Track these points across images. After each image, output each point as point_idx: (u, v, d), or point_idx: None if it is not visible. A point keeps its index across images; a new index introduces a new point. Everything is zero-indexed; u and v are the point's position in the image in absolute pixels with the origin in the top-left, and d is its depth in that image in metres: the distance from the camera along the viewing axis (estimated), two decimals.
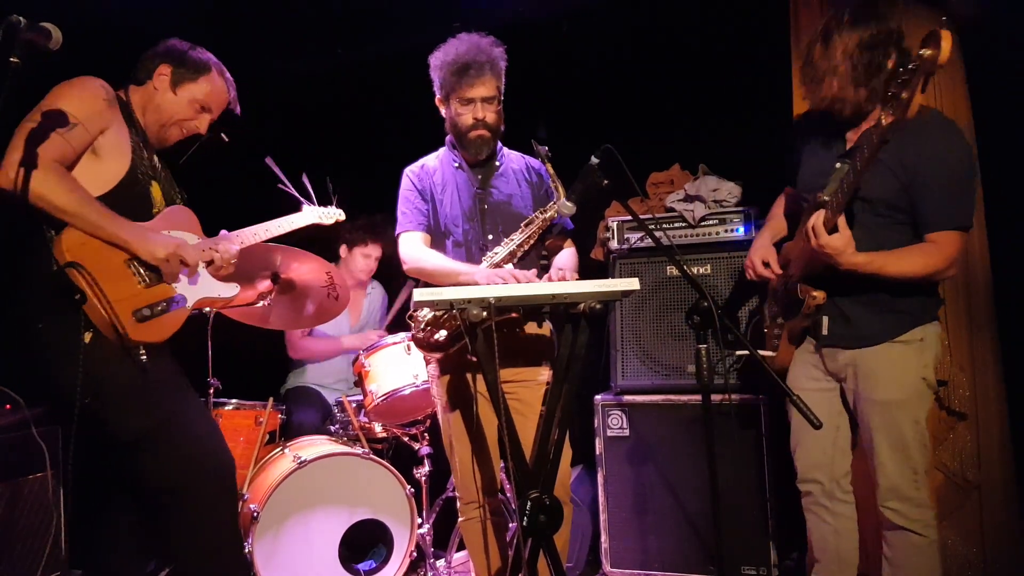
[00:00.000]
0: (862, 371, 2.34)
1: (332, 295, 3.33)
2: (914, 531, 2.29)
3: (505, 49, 2.64)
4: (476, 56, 2.56)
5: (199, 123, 2.45)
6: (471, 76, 2.55)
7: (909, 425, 2.29)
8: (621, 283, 2.21)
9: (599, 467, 3.39)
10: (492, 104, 2.62)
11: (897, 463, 2.29)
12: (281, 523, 2.98)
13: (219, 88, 2.48)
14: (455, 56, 2.57)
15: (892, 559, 2.36)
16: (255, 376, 3.88)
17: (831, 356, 2.41)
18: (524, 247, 2.57)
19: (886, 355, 2.30)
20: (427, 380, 3.10)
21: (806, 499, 2.53)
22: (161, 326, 2.17)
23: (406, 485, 3.21)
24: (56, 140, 2.05)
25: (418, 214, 2.69)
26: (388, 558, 3.16)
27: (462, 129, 2.63)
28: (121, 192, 2.19)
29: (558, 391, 2.27)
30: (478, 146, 2.65)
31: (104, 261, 2.09)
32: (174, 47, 2.42)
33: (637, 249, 3.48)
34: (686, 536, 3.22)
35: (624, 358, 3.46)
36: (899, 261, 2.22)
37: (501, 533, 2.67)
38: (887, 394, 2.29)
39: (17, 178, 1.97)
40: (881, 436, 2.30)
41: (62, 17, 1.92)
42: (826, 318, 2.37)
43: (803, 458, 2.50)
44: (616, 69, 4.06)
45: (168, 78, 2.39)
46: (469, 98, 2.59)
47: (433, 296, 2.12)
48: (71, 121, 2.08)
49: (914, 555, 2.30)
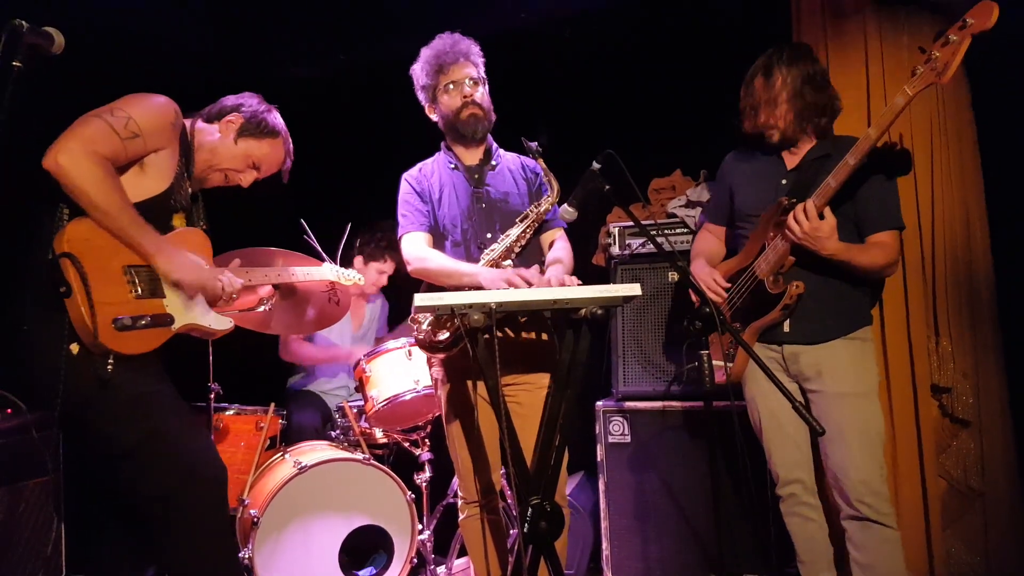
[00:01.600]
0: (828, 366, 2.45)
1: (333, 300, 3.32)
2: (886, 524, 2.36)
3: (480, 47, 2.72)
4: (451, 47, 2.67)
5: (244, 177, 2.49)
6: (448, 63, 2.65)
7: (875, 418, 2.43)
8: (623, 289, 2.21)
9: (600, 473, 3.38)
10: (478, 84, 2.68)
11: (867, 456, 2.38)
12: (281, 529, 2.97)
13: (278, 155, 2.53)
14: (429, 55, 2.69)
15: (863, 560, 2.41)
16: (256, 381, 3.87)
17: (793, 358, 2.51)
18: (520, 242, 2.59)
19: (847, 349, 2.45)
20: (428, 386, 3.10)
21: (787, 502, 2.58)
22: (139, 339, 2.11)
23: (407, 491, 3.21)
24: (114, 141, 2.06)
25: (419, 215, 2.70)
26: (388, 564, 3.15)
27: (453, 112, 2.66)
28: (145, 207, 2.18)
29: (559, 397, 2.27)
30: (473, 125, 2.67)
31: (102, 261, 2.05)
32: (254, 106, 2.46)
33: (638, 255, 3.47)
34: (687, 543, 3.21)
35: (625, 364, 3.45)
36: (864, 254, 2.42)
37: (500, 535, 2.68)
38: (856, 386, 2.43)
39: (64, 163, 1.96)
40: (852, 429, 2.39)
41: (65, 21, 1.92)
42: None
43: (781, 461, 2.56)
44: (618, 74, 4.06)
45: (236, 128, 2.42)
46: (453, 81, 2.65)
47: (434, 301, 2.12)
48: (134, 130, 2.10)
49: (887, 550, 2.38)
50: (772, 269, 2.48)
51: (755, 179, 2.65)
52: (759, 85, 2.54)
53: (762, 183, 2.62)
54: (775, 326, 2.51)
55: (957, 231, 2.92)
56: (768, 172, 2.62)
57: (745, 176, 2.70)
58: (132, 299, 2.11)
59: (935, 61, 2.15)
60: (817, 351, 2.46)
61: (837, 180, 2.30)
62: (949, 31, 2.14)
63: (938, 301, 2.92)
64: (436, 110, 2.73)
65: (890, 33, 3.00)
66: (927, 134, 2.94)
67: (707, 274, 2.68)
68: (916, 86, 2.19)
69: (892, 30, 3.00)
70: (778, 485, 2.59)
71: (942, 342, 2.91)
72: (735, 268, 2.65)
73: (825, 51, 3.10)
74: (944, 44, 2.15)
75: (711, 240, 2.88)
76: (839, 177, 2.29)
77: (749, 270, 2.57)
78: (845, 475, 2.39)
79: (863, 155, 2.27)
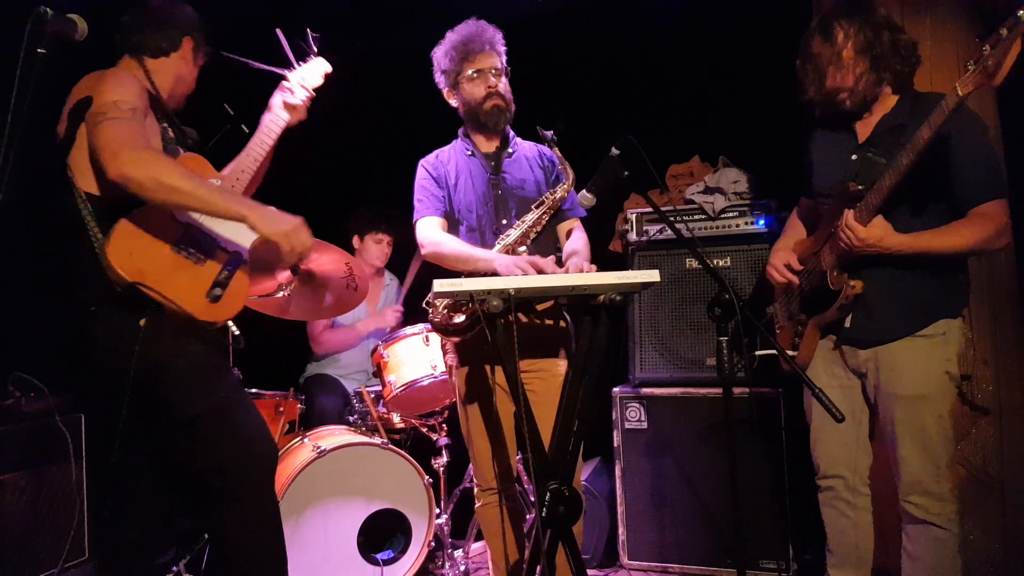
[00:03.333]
0: (884, 365, 2.32)
1: (351, 286, 3.34)
2: (936, 524, 2.27)
3: (503, 35, 2.71)
4: (476, 34, 2.66)
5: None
6: (475, 51, 2.64)
7: (932, 419, 2.27)
8: (641, 275, 2.21)
9: (617, 459, 3.39)
10: (500, 75, 2.67)
11: (920, 457, 2.27)
12: (301, 512, 3.00)
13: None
14: (456, 39, 2.67)
15: (912, 553, 2.34)
16: (275, 366, 3.91)
17: (851, 353, 2.39)
18: (536, 228, 2.59)
19: (909, 349, 2.28)
20: (445, 372, 3.11)
21: (826, 494, 2.51)
22: (233, 298, 2.18)
23: (424, 475, 3.23)
24: (135, 127, 2.05)
25: (435, 200, 2.71)
26: (406, 548, 3.18)
27: (476, 102, 2.65)
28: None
29: (577, 383, 2.27)
30: (495, 116, 2.66)
31: (156, 260, 2.08)
32: (195, 19, 2.42)
33: (656, 241, 3.47)
34: (704, 529, 3.22)
35: (642, 350, 3.45)
36: (945, 237, 2.21)
37: (518, 520, 2.70)
38: (910, 389, 2.27)
39: (133, 174, 1.96)
40: (904, 430, 2.28)
41: (87, 7, 1.94)
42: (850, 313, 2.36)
43: (825, 454, 2.49)
44: (636, 59, 4.03)
45: (191, 51, 2.40)
46: (478, 70, 2.64)
47: (453, 287, 2.13)
48: (131, 106, 2.09)
49: (936, 549, 2.29)
50: (834, 262, 2.33)
51: (827, 155, 2.46)
52: (818, 47, 2.32)
53: (832, 160, 2.43)
54: (837, 322, 2.38)
55: None
56: (838, 148, 2.42)
57: (819, 152, 2.50)
58: (200, 269, 2.15)
59: (985, 59, 1.92)
60: (873, 350, 2.33)
61: (891, 179, 2.12)
62: (1002, 26, 1.89)
63: None
64: (457, 96, 2.73)
65: (912, 16, 2.96)
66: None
67: (780, 259, 2.52)
68: (967, 86, 1.97)
69: (914, 13, 2.96)
70: (819, 475, 2.52)
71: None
72: (810, 250, 2.47)
73: None
74: (996, 43, 1.90)
75: (805, 213, 2.66)
76: (893, 177, 2.11)
77: (817, 257, 2.41)
78: (897, 473, 2.32)
79: (917, 155, 2.08)
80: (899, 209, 2.23)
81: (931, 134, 2.04)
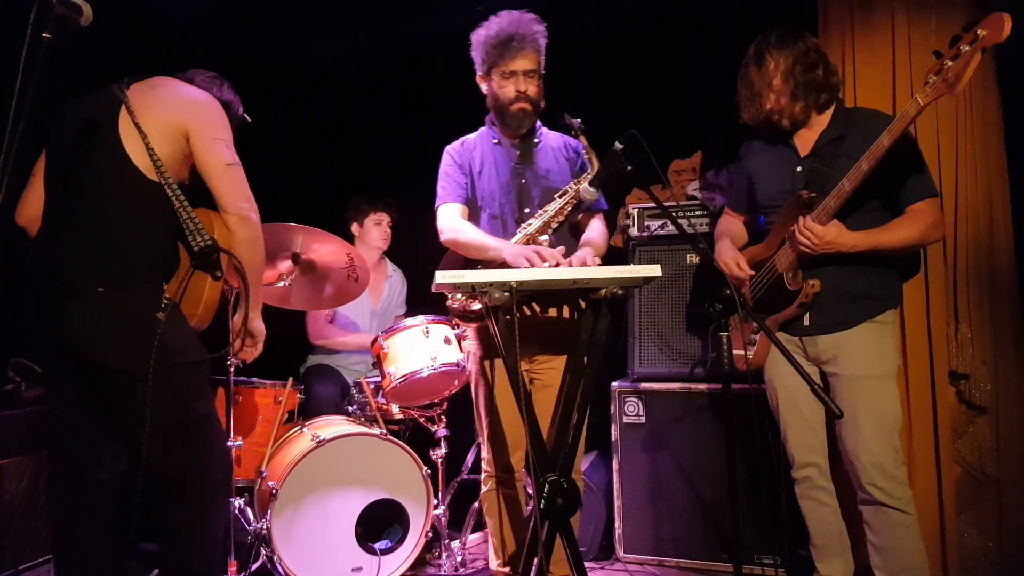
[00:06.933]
0: (843, 350, 2.45)
1: (352, 276, 3.35)
2: (899, 509, 2.36)
3: (546, 26, 2.67)
4: (518, 29, 2.61)
5: None
6: (513, 49, 2.60)
7: (891, 401, 2.42)
8: (643, 269, 2.22)
9: (614, 453, 3.40)
10: (533, 78, 2.66)
11: (881, 440, 2.38)
12: (299, 501, 3.01)
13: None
14: (497, 30, 2.62)
15: (879, 544, 2.42)
16: (275, 355, 3.90)
17: (811, 342, 2.52)
18: (559, 217, 2.59)
19: (866, 333, 2.44)
20: (445, 363, 3.12)
21: (802, 485, 2.60)
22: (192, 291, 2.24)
23: (423, 466, 3.24)
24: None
25: (457, 187, 2.72)
26: (404, 538, 3.19)
27: (504, 102, 2.65)
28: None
29: (577, 376, 2.28)
30: (520, 119, 2.67)
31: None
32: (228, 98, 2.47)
33: (657, 237, 3.47)
34: (700, 523, 3.23)
35: (641, 345, 3.46)
36: (891, 233, 2.38)
37: (521, 507, 2.73)
38: (871, 369, 2.42)
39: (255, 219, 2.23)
40: (865, 412, 2.39)
41: None
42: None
43: (796, 443, 2.58)
44: (641, 56, 4.03)
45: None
46: (511, 71, 2.62)
47: (455, 279, 2.14)
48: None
49: (901, 535, 2.38)
50: (791, 264, 2.49)
51: (771, 169, 2.64)
52: (754, 74, 2.53)
53: (777, 174, 2.60)
54: (794, 320, 2.51)
55: (980, 219, 2.90)
56: (782, 162, 2.59)
57: (762, 166, 2.67)
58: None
59: (946, 72, 2.10)
60: (833, 337, 2.47)
61: (851, 183, 2.28)
62: (960, 41, 2.08)
63: (959, 288, 2.91)
64: (487, 86, 2.72)
65: (918, 15, 2.96)
66: (952, 122, 2.90)
67: (731, 258, 2.67)
68: (927, 96, 2.15)
69: (920, 12, 2.96)
70: (794, 468, 2.60)
71: (961, 329, 2.90)
72: (759, 257, 2.64)
73: (851, 33, 3.07)
74: (955, 56, 2.09)
75: (734, 223, 2.87)
76: (853, 181, 2.27)
77: (770, 262, 2.57)
78: (857, 458, 2.40)
79: (876, 160, 2.23)
80: (847, 211, 2.37)
81: (891, 141, 2.20)
